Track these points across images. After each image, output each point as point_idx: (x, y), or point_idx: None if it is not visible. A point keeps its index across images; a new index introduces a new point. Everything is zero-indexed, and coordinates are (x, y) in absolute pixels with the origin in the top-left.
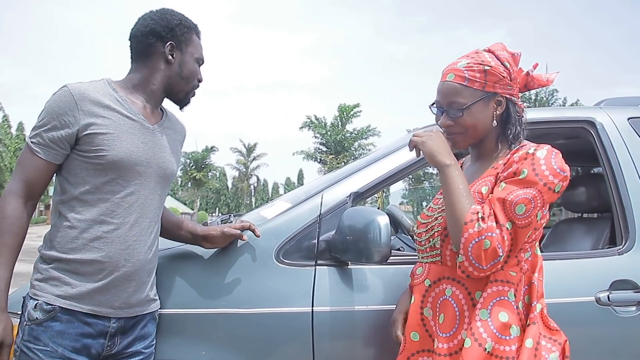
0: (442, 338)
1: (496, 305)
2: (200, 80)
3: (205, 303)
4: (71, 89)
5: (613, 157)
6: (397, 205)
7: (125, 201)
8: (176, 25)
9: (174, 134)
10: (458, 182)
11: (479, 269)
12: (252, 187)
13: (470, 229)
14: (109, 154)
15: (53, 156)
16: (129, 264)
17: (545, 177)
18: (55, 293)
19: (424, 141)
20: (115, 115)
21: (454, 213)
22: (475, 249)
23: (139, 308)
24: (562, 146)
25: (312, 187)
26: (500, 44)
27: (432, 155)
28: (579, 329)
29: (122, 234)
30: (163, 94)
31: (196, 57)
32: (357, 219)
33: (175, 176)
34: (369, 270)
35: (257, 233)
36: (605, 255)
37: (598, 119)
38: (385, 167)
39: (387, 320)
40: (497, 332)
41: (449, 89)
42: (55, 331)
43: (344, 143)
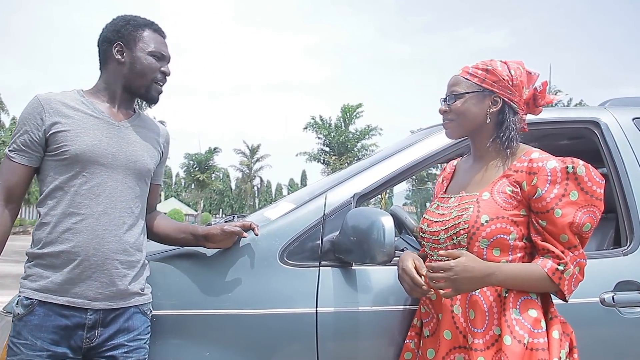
0: (476, 333)
1: (523, 304)
2: (164, 73)
3: (209, 304)
4: (39, 97)
5: (618, 158)
6: (401, 206)
7: (92, 192)
8: (122, 27)
9: (147, 132)
10: (513, 277)
11: (572, 291)
12: (256, 188)
13: (565, 281)
14: (72, 148)
15: (27, 159)
16: (99, 253)
17: (594, 192)
18: (33, 287)
19: (457, 288)
20: (78, 114)
21: (537, 286)
22: (576, 283)
23: (119, 300)
24: (567, 146)
25: (316, 188)
26: (520, 61)
27: (473, 288)
28: (583, 329)
29: (90, 224)
30: (125, 93)
31: (149, 51)
32: (361, 220)
33: (150, 172)
34: (373, 270)
35: (257, 232)
36: (609, 256)
37: (603, 119)
38: (388, 168)
39: (391, 321)
40: (531, 327)
41: (453, 80)
42: (33, 325)
43: (347, 144)
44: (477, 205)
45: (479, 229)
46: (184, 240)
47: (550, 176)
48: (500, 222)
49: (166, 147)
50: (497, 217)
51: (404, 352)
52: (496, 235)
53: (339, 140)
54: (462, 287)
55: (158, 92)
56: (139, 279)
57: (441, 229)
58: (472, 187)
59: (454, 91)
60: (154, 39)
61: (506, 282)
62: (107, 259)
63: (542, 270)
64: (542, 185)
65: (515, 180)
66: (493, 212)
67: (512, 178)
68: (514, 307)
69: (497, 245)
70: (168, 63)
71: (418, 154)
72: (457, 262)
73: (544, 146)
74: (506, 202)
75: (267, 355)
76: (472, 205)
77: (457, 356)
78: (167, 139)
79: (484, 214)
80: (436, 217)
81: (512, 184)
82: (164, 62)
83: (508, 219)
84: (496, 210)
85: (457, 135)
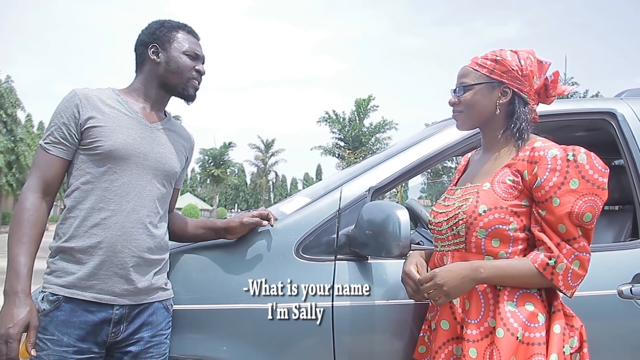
0: (471, 325)
1: (521, 297)
2: (199, 72)
3: (226, 299)
4: (76, 90)
5: (635, 149)
6: (416, 199)
7: (122, 189)
8: (157, 29)
9: (176, 136)
10: (500, 272)
11: (572, 287)
12: (271, 182)
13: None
14: (106, 144)
15: (64, 152)
16: (126, 249)
17: (596, 180)
18: (59, 283)
19: (449, 293)
20: (113, 112)
21: (528, 281)
22: (574, 278)
23: (144, 296)
24: (583, 138)
25: (331, 182)
26: (530, 50)
27: (464, 287)
28: (601, 322)
29: (119, 220)
30: (161, 92)
31: (184, 50)
32: (376, 213)
33: (176, 175)
34: (389, 264)
35: (272, 222)
36: (627, 247)
37: (619, 110)
38: (404, 161)
39: (407, 314)
40: (526, 320)
41: (463, 71)
42: (60, 320)
43: (362, 138)
44: (477, 196)
45: (476, 219)
46: (204, 236)
47: (550, 164)
48: (499, 212)
49: (191, 153)
50: (496, 207)
51: (419, 346)
52: (494, 226)
53: (353, 134)
54: (452, 289)
55: (195, 88)
56: (162, 274)
57: (443, 220)
58: (478, 178)
59: (463, 82)
60: (188, 40)
61: (494, 276)
62: (134, 256)
63: (533, 266)
64: (542, 174)
65: (516, 170)
66: (491, 202)
67: (514, 167)
68: (510, 299)
69: (495, 236)
70: (203, 63)
71: (433, 147)
72: (439, 269)
73: (560, 138)
74: (506, 192)
75: (283, 349)
76: (472, 196)
77: (454, 347)
78: (193, 145)
79: (482, 204)
80: (441, 209)
81: (514, 173)
82: (199, 61)
83: (507, 209)
84: (494, 200)
85: (467, 127)
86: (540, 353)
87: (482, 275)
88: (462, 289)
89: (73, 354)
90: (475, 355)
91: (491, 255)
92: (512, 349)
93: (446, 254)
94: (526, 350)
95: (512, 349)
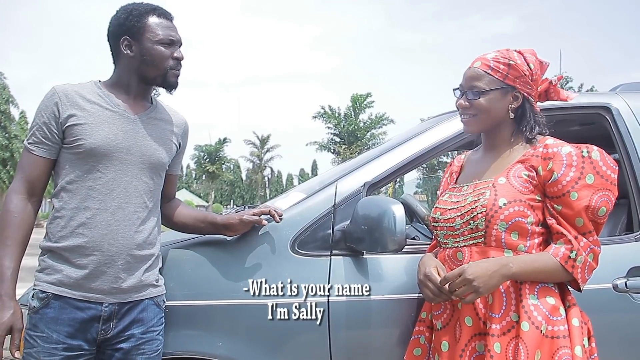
0: (494, 319)
1: (541, 290)
2: (177, 58)
3: (221, 294)
4: (56, 88)
5: (629, 143)
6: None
7: (106, 187)
8: (125, 19)
9: (164, 124)
10: (528, 267)
11: (586, 280)
12: (267, 178)
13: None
14: (87, 142)
15: (46, 152)
16: (113, 247)
17: (609, 177)
18: (48, 281)
19: (479, 289)
20: (94, 107)
21: (551, 275)
22: (589, 271)
23: (134, 294)
24: (578, 132)
25: (326, 177)
26: (531, 50)
27: (493, 283)
28: (596, 316)
29: (105, 219)
30: (142, 84)
31: (157, 39)
32: (371, 209)
33: (164, 166)
34: (385, 259)
35: (277, 219)
36: (622, 241)
37: (614, 105)
38: (399, 156)
39: (403, 309)
40: (549, 314)
41: (473, 73)
42: (49, 318)
43: (357, 133)
44: (494, 189)
45: (497, 211)
46: (204, 229)
47: (565, 160)
48: (518, 205)
49: (184, 138)
50: (515, 200)
51: (413, 348)
52: (514, 219)
53: (348, 130)
54: (483, 285)
55: (176, 76)
56: (153, 271)
57: (456, 215)
58: (487, 174)
59: (475, 87)
60: (160, 25)
61: (522, 271)
62: (122, 253)
63: (555, 259)
64: (558, 169)
65: (531, 165)
66: (510, 195)
67: (527, 163)
68: (532, 293)
69: (515, 229)
70: (180, 46)
71: (428, 142)
72: (467, 265)
73: (556, 132)
74: (522, 186)
75: (279, 344)
76: (489, 190)
77: (476, 344)
78: (186, 129)
79: (501, 197)
80: (450, 205)
81: (528, 168)
82: (175, 47)
83: (525, 202)
84: (513, 193)
85: (478, 130)
86: (565, 346)
87: (512, 269)
88: (493, 284)
89: (62, 350)
90: (499, 350)
91: (510, 248)
92: (537, 342)
93: (461, 250)
94: (551, 343)
95: (538, 342)
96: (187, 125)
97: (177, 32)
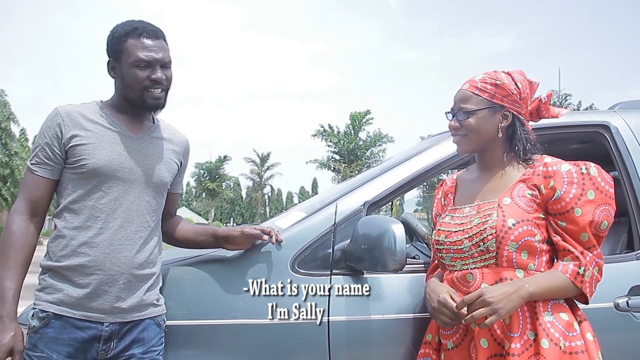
0: (513, 338)
1: (554, 307)
2: (153, 79)
3: (221, 314)
4: (59, 109)
5: (629, 161)
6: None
7: (108, 206)
8: (110, 41)
9: (166, 143)
10: (543, 286)
11: (593, 293)
12: (267, 196)
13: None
14: (90, 162)
15: (49, 172)
16: (115, 267)
17: (607, 191)
18: (49, 300)
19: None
20: (97, 128)
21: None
22: (595, 284)
23: (135, 313)
24: (577, 151)
25: (326, 196)
26: (520, 70)
27: (513, 305)
28: (598, 335)
29: (107, 238)
30: (132, 105)
31: (130, 62)
32: (371, 228)
33: (166, 185)
34: (385, 278)
35: (280, 238)
36: (623, 260)
37: (613, 123)
38: (399, 175)
39: (403, 329)
40: (564, 330)
41: (462, 95)
42: (49, 337)
43: (357, 151)
44: (501, 210)
45: (507, 232)
46: (205, 243)
47: (566, 177)
48: (526, 225)
49: (185, 156)
50: (523, 219)
51: None
52: (524, 238)
53: (348, 148)
54: (503, 307)
55: (154, 98)
56: (154, 290)
57: (464, 238)
58: (488, 195)
59: (464, 108)
60: (137, 47)
61: (538, 290)
62: (123, 272)
63: (565, 276)
64: (560, 187)
65: (533, 184)
66: (518, 215)
67: (529, 182)
68: (546, 310)
69: (525, 248)
70: (163, 66)
71: (428, 161)
72: (485, 288)
73: (555, 150)
74: (528, 205)
75: None
76: (495, 211)
77: None
78: (187, 148)
79: (509, 217)
80: (455, 227)
81: (531, 187)
82: (151, 69)
83: (532, 221)
84: (520, 213)
85: (470, 150)
86: None
87: (530, 290)
88: (512, 306)
89: None
90: None
91: (521, 267)
92: (558, 359)
93: (471, 272)
94: (571, 359)
95: (558, 359)
96: (189, 144)
97: (162, 51)
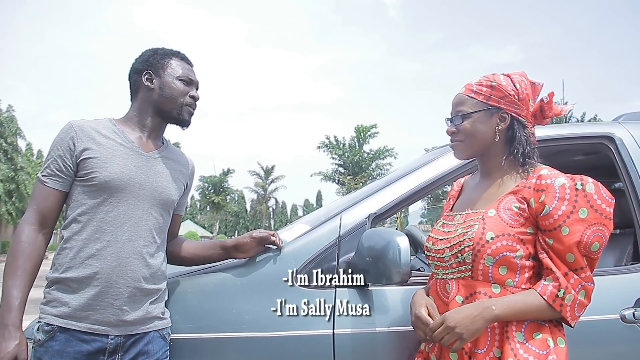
0: (479, 355)
1: (529, 327)
2: (194, 97)
3: (225, 327)
4: (72, 122)
5: (634, 172)
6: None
7: (118, 220)
8: (150, 56)
9: (174, 164)
10: (512, 309)
11: (577, 317)
12: (271, 209)
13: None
14: (101, 175)
15: (60, 184)
16: (121, 280)
17: (604, 211)
18: (54, 313)
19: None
20: (109, 142)
21: (538, 313)
22: (579, 308)
23: (140, 326)
24: (582, 162)
25: (331, 209)
26: (522, 72)
27: (476, 328)
28: (604, 347)
29: (115, 251)
30: (156, 119)
31: (177, 76)
32: (376, 240)
33: (174, 204)
34: (390, 291)
35: (280, 244)
36: (629, 271)
37: (617, 134)
38: (403, 188)
39: (409, 342)
40: (537, 350)
41: (458, 99)
42: (54, 350)
43: (362, 164)
44: (483, 222)
45: (484, 246)
46: (215, 256)
47: (558, 193)
48: (506, 239)
49: (191, 179)
50: (503, 234)
51: None
52: (502, 253)
53: (353, 160)
54: (466, 331)
55: (189, 114)
56: (159, 304)
57: (446, 247)
58: (479, 204)
59: (460, 111)
60: (181, 66)
61: (506, 313)
62: (129, 286)
63: (541, 298)
64: (550, 202)
65: (522, 197)
66: (499, 229)
67: (519, 194)
68: (519, 330)
69: (503, 263)
70: (197, 89)
71: (433, 173)
72: (448, 313)
73: (559, 162)
74: (512, 219)
75: None
76: (478, 223)
77: None
78: (193, 171)
79: (489, 230)
80: (441, 235)
81: (520, 200)
82: (192, 87)
83: (514, 236)
84: (502, 227)
85: (467, 156)
86: None
87: (495, 312)
88: (475, 329)
89: None
90: None
91: (498, 283)
92: None
93: (449, 282)
94: None
95: None
96: (194, 167)
97: (196, 76)
